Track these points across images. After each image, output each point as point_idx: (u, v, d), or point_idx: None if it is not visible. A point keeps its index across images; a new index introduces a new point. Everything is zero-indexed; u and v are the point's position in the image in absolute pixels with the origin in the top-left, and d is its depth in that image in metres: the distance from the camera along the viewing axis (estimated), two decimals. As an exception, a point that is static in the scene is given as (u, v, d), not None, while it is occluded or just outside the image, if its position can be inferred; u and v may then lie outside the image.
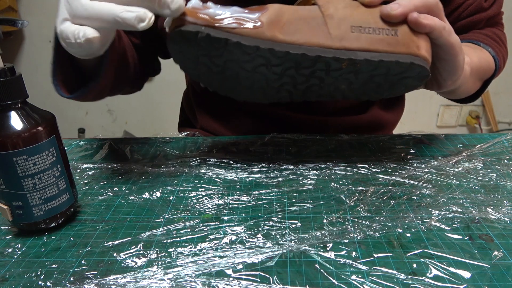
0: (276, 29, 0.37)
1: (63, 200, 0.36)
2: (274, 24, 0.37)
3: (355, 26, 0.38)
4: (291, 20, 0.38)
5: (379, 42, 0.38)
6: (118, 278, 0.30)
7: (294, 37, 0.37)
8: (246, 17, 0.37)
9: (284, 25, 0.37)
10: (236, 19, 0.37)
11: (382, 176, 0.43)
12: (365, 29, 0.38)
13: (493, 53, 0.54)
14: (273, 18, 0.37)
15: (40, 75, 2.01)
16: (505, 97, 1.94)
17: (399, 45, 0.38)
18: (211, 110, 0.66)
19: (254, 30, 0.37)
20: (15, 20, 0.36)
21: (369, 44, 0.38)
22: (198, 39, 0.37)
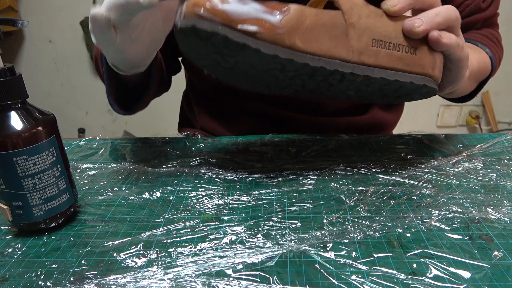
0: (297, 36, 0.36)
1: (63, 200, 0.36)
2: (295, 30, 0.36)
3: (376, 39, 0.38)
4: (312, 26, 0.36)
5: (397, 60, 0.38)
6: (118, 278, 0.30)
7: (314, 47, 0.36)
8: (267, 19, 0.35)
9: (305, 32, 0.36)
10: (256, 21, 0.34)
11: (382, 176, 0.43)
12: (386, 44, 0.38)
13: (490, 54, 0.54)
14: (294, 23, 0.35)
15: (40, 75, 2.01)
16: (505, 97, 1.94)
17: (416, 65, 0.39)
18: (211, 110, 0.66)
19: (274, 36, 0.35)
20: (15, 20, 0.36)
21: (387, 62, 0.38)
22: (213, 39, 0.35)
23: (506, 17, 1.77)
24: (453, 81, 0.42)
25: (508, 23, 1.75)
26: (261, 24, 0.34)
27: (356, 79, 0.38)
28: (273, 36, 0.35)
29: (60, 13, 1.86)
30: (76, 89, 2.05)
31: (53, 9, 1.86)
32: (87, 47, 1.90)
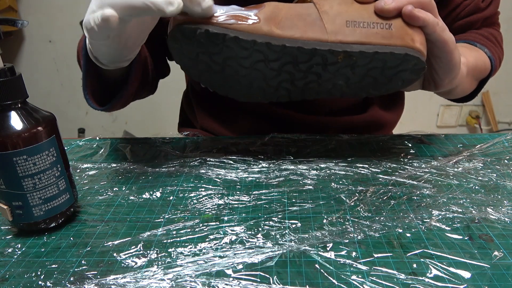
0: (273, 25, 0.38)
1: (63, 200, 0.36)
2: (271, 20, 0.38)
3: (349, 21, 0.39)
4: (287, 16, 0.39)
5: (374, 35, 0.39)
6: (118, 278, 0.30)
7: (291, 32, 0.39)
8: (243, 13, 0.38)
9: (281, 21, 0.39)
10: (233, 16, 0.38)
11: (382, 176, 0.43)
12: (360, 24, 0.39)
13: (489, 54, 0.54)
14: (269, 14, 0.39)
15: (40, 75, 2.01)
16: (505, 97, 1.94)
17: (394, 38, 0.39)
18: (211, 110, 0.66)
19: (251, 25, 0.38)
20: (15, 20, 0.36)
21: (364, 37, 0.39)
22: (197, 36, 0.38)
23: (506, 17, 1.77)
24: (448, 70, 0.42)
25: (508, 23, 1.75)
26: (238, 18, 0.38)
27: (337, 58, 0.39)
28: (250, 25, 0.38)
29: (60, 13, 1.86)
30: (76, 89, 2.05)
31: (53, 9, 1.86)
32: (87, 47, 1.90)
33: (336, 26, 0.39)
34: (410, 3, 0.38)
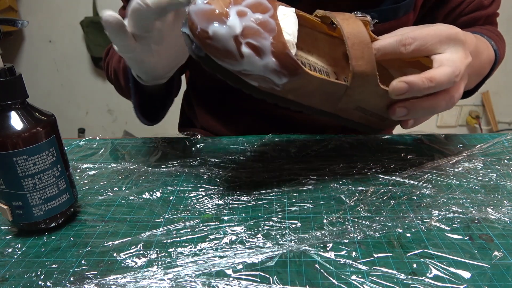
0: (291, 93, 0.37)
1: (63, 200, 0.36)
2: (292, 91, 0.36)
3: (360, 107, 0.40)
4: (311, 91, 0.37)
5: (366, 120, 0.43)
6: (118, 278, 0.30)
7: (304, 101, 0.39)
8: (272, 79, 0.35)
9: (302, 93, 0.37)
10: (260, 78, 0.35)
11: (382, 176, 0.43)
12: (367, 112, 0.41)
13: (495, 47, 0.54)
14: (295, 86, 0.36)
15: (40, 75, 2.01)
16: (505, 97, 1.94)
17: (378, 125, 0.44)
18: (212, 109, 0.66)
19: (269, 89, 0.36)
20: (15, 20, 0.36)
21: (357, 119, 0.43)
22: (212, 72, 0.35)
23: (506, 17, 1.77)
24: None
25: (508, 23, 1.75)
26: (263, 82, 0.35)
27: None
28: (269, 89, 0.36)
29: (60, 13, 1.86)
30: (76, 89, 2.05)
31: (53, 9, 1.86)
32: (87, 47, 1.90)
33: (346, 106, 0.40)
34: (419, 115, 0.40)
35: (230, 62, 0.33)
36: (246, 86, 0.36)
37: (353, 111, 0.41)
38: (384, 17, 0.52)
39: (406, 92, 0.36)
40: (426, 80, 0.36)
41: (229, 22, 0.31)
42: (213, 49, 0.32)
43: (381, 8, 0.51)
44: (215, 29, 0.31)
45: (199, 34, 0.32)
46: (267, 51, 0.32)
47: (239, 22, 0.31)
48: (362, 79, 0.36)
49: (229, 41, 0.31)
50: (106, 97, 2.02)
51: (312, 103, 0.39)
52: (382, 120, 0.43)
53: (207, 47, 0.32)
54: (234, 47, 0.31)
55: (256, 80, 0.35)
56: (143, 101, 0.51)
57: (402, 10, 0.52)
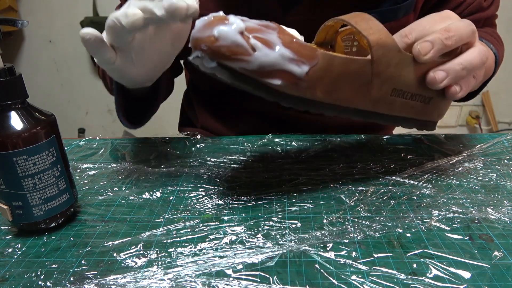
0: (318, 87, 0.34)
1: (63, 200, 0.36)
2: (318, 81, 0.33)
3: (396, 89, 0.37)
4: (338, 76, 0.34)
5: (410, 109, 0.39)
6: (118, 278, 0.30)
7: (333, 97, 0.35)
8: (293, 71, 0.32)
9: (329, 83, 0.34)
10: (281, 73, 0.32)
11: (382, 176, 0.43)
12: (404, 94, 0.38)
13: (495, 50, 0.54)
14: (319, 75, 0.33)
15: (40, 75, 2.01)
16: (505, 97, 1.94)
17: (425, 113, 0.40)
18: (212, 109, 0.66)
19: (296, 89, 0.33)
20: (15, 20, 0.36)
21: (399, 111, 0.38)
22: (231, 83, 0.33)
23: (506, 17, 1.77)
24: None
25: (508, 23, 1.75)
26: (285, 77, 0.32)
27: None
28: (294, 89, 0.33)
29: (60, 13, 1.86)
30: (76, 89, 2.05)
31: (53, 9, 1.86)
32: (87, 47, 1.90)
33: (381, 93, 0.36)
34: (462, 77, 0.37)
35: (243, 59, 0.31)
36: (269, 92, 0.33)
37: (390, 99, 0.37)
38: (384, 18, 0.52)
39: (431, 49, 0.35)
40: (444, 32, 0.35)
41: (231, 21, 0.31)
42: (223, 50, 0.30)
43: (381, 9, 0.51)
44: (220, 30, 0.30)
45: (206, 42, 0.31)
46: (277, 42, 0.31)
47: (241, 21, 0.31)
48: (381, 47, 0.34)
49: (236, 36, 0.30)
50: (106, 97, 2.02)
51: (344, 98, 0.35)
52: (426, 102, 0.39)
53: (216, 51, 0.31)
54: (242, 40, 0.30)
55: (277, 77, 0.32)
56: (126, 103, 0.51)
57: (402, 11, 0.53)
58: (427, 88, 0.38)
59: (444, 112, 0.41)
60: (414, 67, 0.36)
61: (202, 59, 0.32)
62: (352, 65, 0.34)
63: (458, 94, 0.38)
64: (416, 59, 0.36)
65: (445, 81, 0.36)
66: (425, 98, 0.39)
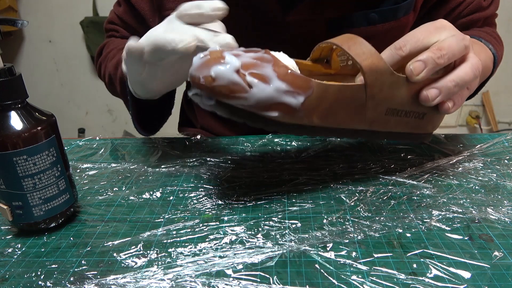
0: (315, 114, 0.35)
1: (63, 200, 0.36)
2: (314, 109, 0.35)
3: (390, 109, 0.38)
4: (332, 102, 0.35)
5: (404, 125, 0.40)
6: (118, 278, 0.30)
7: (330, 121, 0.36)
8: (289, 102, 0.33)
9: (324, 109, 0.35)
10: (278, 105, 0.33)
11: (382, 176, 0.43)
12: (399, 112, 0.39)
13: (493, 50, 0.54)
14: (315, 103, 0.34)
15: (40, 75, 2.01)
16: (505, 97, 1.94)
17: (420, 127, 0.41)
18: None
19: (293, 118, 0.34)
20: (15, 20, 0.36)
21: (394, 127, 0.39)
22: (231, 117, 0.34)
23: (506, 17, 1.77)
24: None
25: (508, 23, 1.75)
26: (282, 109, 0.33)
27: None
28: (292, 118, 0.34)
29: (60, 13, 1.86)
30: (76, 89, 2.05)
31: (53, 9, 1.86)
32: (87, 47, 1.90)
33: (376, 114, 0.37)
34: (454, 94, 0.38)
35: (240, 96, 0.32)
36: (267, 123, 0.34)
37: (385, 118, 0.38)
38: (384, 17, 0.52)
39: (424, 68, 0.35)
40: (435, 50, 0.35)
41: (227, 61, 0.32)
42: (220, 89, 0.32)
43: (381, 9, 0.51)
44: (216, 70, 0.32)
45: (203, 82, 0.32)
46: (272, 76, 0.32)
47: (237, 59, 0.32)
48: (374, 72, 0.35)
49: (232, 75, 0.32)
50: (106, 97, 2.01)
51: (340, 121, 0.37)
52: (420, 118, 0.40)
53: (214, 90, 0.32)
54: (239, 79, 0.32)
55: (274, 110, 0.33)
56: (141, 112, 0.52)
57: (402, 10, 0.53)
58: (421, 105, 0.38)
59: (438, 124, 0.43)
60: (407, 87, 0.37)
61: (201, 97, 0.33)
62: (347, 91, 0.36)
63: (451, 109, 0.39)
64: (409, 79, 0.36)
65: (438, 98, 0.37)
66: (419, 114, 0.40)
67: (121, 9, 0.61)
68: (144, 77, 0.41)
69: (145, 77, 0.41)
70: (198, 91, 0.33)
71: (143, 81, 0.42)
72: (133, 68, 0.41)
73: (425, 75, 0.36)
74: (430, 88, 0.37)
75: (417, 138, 0.42)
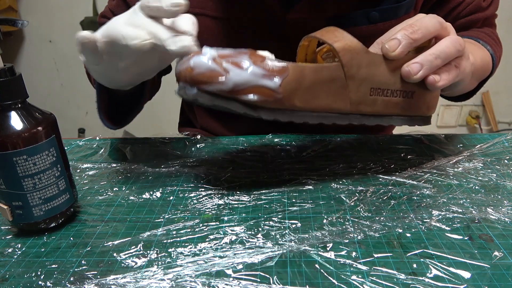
0: (296, 97, 0.36)
1: (63, 200, 0.36)
2: (294, 92, 0.35)
3: (374, 88, 0.38)
4: (311, 85, 0.36)
5: (394, 106, 0.40)
6: (118, 278, 0.30)
7: (313, 104, 0.37)
8: (266, 85, 0.34)
9: (304, 91, 0.36)
10: (256, 88, 0.34)
11: (382, 176, 0.43)
12: (384, 91, 0.39)
13: (492, 51, 0.54)
14: (293, 85, 0.35)
15: (40, 75, 2.01)
16: (505, 97, 1.94)
17: (412, 108, 0.40)
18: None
19: (274, 101, 0.35)
20: (15, 20, 0.36)
21: (384, 108, 0.39)
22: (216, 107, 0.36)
23: (506, 17, 1.77)
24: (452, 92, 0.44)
25: (508, 23, 1.75)
26: (260, 91, 0.34)
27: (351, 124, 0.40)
28: (272, 102, 0.35)
29: (60, 13, 1.86)
30: (76, 89, 2.05)
31: (53, 9, 1.86)
32: (87, 47, 1.90)
33: (360, 94, 0.38)
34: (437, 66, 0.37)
35: (218, 81, 0.34)
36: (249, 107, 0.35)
37: (371, 99, 0.38)
38: (385, 16, 0.52)
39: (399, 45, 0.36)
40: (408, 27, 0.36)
41: (204, 52, 0.34)
42: (199, 76, 0.34)
43: (382, 7, 0.51)
44: (195, 60, 0.34)
45: (184, 75, 0.34)
46: (248, 63, 0.34)
47: (214, 50, 0.35)
48: (348, 52, 0.36)
49: (209, 63, 0.34)
50: (106, 97, 2.02)
51: (323, 104, 0.37)
52: (409, 97, 0.40)
53: (194, 79, 0.34)
54: (215, 65, 0.34)
55: (252, 92, 0.34)
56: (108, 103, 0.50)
57: (403, 9, 0.53)
58: (406, 83, 0.38)
59: (432, 104, 0.41)
60: (387, 65, 0.38)
61: (185, 88, 0.35)
62: (324, 72, 0.36)
63: (438, 83, 0.38)
64: (386, 57, 0.37)
65: (420, 72, 0.37)
66: (406, 93, 0.39)
67: (113, 2, 0.61)
68: (105, 68, 0.40)
69: (106, 67, 0.40)
70: (180, 83, 0.35)
71: (103, 71, 0.41)
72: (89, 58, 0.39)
73: (401, 51, 0.36)
74: (411, 63, 0.37)
75: (411, 121, 0.42)
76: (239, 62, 0.34)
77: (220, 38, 0.54)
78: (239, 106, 0.35)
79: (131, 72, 0.41)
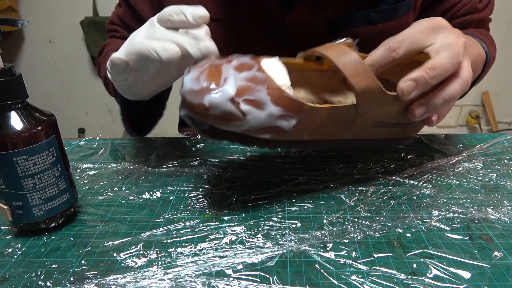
0: (305, 132, 0.36)
1: (63, 200, 0.36)
2: (305, 129, 0.35)
3: (378, 121, 0.38)
4: (323, 122, 0.36)
5: (389, 133, 0.40)
6: (118, 278, 0.30)
7: (318, 135, 0.37)
8: (281, 126, 0.34)
9: (315, 128, 0.36)
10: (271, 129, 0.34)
11: (382, 176, 0.43)
12: (385, 124, 0.39)
13: (486, 49, 0.54)
14: (306, 124, 0.35)
15: (40, 75, 2.01)
16: (505, 97, 1.94)
17: (403, 134, 0.42)
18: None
19: (284, 138, 0.35)
20: (15, 20, 0.36)
21: (379, 135, 0.40)
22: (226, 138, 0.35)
23: (507, 17, 1.77)
24: None
25: (508, 23, 1.75)
26: (274, 131, 0.34)
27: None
28: (282, 137, 0.35)
29: (60, 13, 1.86)
30: (76, 89, 2.05)
31: (53, 9, 1.86)
32: (87, 47, 1.90)
33: (363, 127, 0.38)
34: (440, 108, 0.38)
35: (234, 123, 0.33)
36: (259, 143, 0.35)
37: (372, 129, 0.39)
38: (384, 17, 0.52)
39: (415, 88, 0.35)
40: (429, 70, 0.35)
41: (220, 89, 0.32)
42: (215, 118, 0.32)
43: (381, 8, 0.51)
44: (210, 99, 0.32)
45: (197, 110, 0.32)
46: (266, 101, 0.33)
47: (230, 85, 0.32)
48: (367, 94, 0.35)
49: (226, 105, 0.32)
50: (106, 97, 2.01)
51: (328, 134, 0.37)
52: (405, 127, 0.41)
53: (209, 118, 0.33)
54: (233, 108, 0.32)
55: (266, 133, 0.34)
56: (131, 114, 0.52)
57: (402, 10, 0.53)
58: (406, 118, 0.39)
59: (420, 130, 0.44)
60: (397, 103, 0.37)
61: (194, 120, 0.34)
62: (338, 112, 0.36)
63: (435, 123, 0.39)
64: (400, 98, 0.36)
65: (424, 114, 0.37)
66: (404, 125, 0.40)
67: (121, 10, 0.62)
68: (130, 83, 0.42)
69: (131, 83, 0.42)
70: (190, 114, 0.34)
71: (129, 87, 0.43)
72: (118, 78, 0.41)
73: (415, 95, 0.36)
74: (418, 105, 0.37)
75: (399, 142, 0.43)
76: (257, 101, 0.32)
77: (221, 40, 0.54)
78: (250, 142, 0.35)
79: (154, 84, 0.43)
